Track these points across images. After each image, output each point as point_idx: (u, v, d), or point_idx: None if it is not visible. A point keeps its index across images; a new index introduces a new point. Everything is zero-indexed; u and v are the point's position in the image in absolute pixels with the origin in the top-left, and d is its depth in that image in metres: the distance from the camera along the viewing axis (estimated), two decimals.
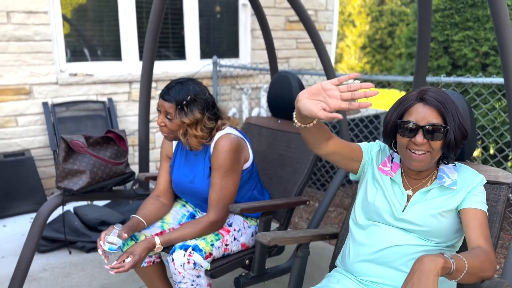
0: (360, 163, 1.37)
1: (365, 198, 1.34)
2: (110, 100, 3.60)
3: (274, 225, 2.55)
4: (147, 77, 2.11)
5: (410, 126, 1.17)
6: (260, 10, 2.31)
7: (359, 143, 1.39)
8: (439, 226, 1.22)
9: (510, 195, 1.36)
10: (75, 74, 3.50)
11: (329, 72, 2.30)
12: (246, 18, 4.32)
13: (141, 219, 1.70)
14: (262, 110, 4.33)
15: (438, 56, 3.28)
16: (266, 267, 1.78)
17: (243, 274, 1.73)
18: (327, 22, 4.77)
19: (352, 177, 1.44)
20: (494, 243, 1.32)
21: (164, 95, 1.60)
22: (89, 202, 3.07)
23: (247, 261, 1.74)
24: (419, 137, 1.17)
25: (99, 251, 1.50)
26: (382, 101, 7.46)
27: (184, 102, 1.58)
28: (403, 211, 1.26)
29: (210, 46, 4.25)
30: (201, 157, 1.71)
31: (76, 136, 1.86)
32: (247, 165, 1.73)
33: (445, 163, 1.28)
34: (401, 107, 1.22)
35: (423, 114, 1.18)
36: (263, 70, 3.72)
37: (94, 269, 2.41)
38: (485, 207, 1.22)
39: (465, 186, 1.24)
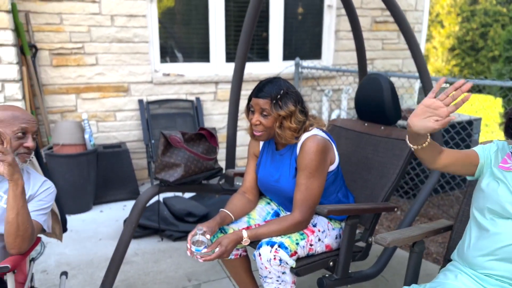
0: (477, 167, 1.38)
1: (487, 193, 1.32)
2: (197, 99, 3.80)
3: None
4: (238, 77, 2.19)
5: None
6: (352, 11, 2.29)
7: (474, 148, 1.40)
8: None
9: None
10: (168, 74, 3.75)
11: (423, 75, 2.21)
12: (330, 19, 4.29)
13: (229, 213, 1.77)
14: (343, 112, 4.27)
15: None
16: (350, 271, 1.76)
17: (327, 275, 1.73)
18: (416, 23, 4.57)
19: (469, 177, 1.46)
20: None
21: (257, 94, 1.66)
22: (180, 194, 3.27)
23: (331, 263, 1.74)
24: None
25: (188, 252, 1.60)
26: (475, 106, 6.95)
27: (279, 96, 1.63)
28: None
29: (292, 47, 4.28)
30: (287, 157, 1.75)
31: (174, 132, 2.00)
32: (332, 167, 1.73)
33: None
34: None
35: None
36: (346, 72, 3.67)
37: (180, 257, 2.56)
38: None
39: None
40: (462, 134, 3.20)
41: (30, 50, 3.21)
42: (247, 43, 2.09)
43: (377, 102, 2.04)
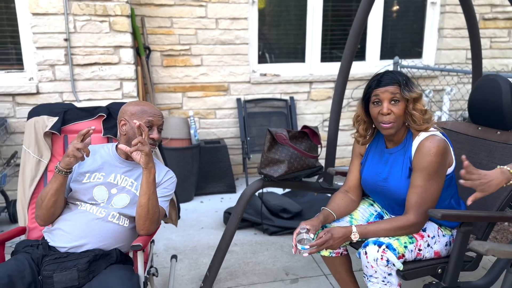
0: None
1: None
2: (291, 98, 3.87)
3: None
4: (343, 77, 2.20)
5: None
6: (470, 8, 2.17)
7: None
8: None
9: None
10: (265, 74, 3.87)
11: None
12: (434, 16, 4.09)
13: (331, 211, 1.80)
14: (445, 114, 4.04)
15: None
16: (459, 281, 1.69)
17: (434, 282, 1.68)
18: None
19: None
20: None
21: (382, 83, 1.64)
22: (274, 189, 3.37)
23: (439, 270, 1.68)
24: None
25: (293, 250, 1.65)
26: None
27: (404, 81, 1.63)
28: None
29: (388, 46, 4.16)
30: (400, 156, 1.72)
31: (279, 129, 2.09)
32: (449, 170, 1.67)
33: None
34: None
35: None
36: (451, 72, 3.47)
37: (276, 250, 2.65)
38: None
39: None
40: None
41: (144, 52, 3.53)
42: (356, 42, 2.10)
43: (494, 105, 1.92)
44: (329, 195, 3.38)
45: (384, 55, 4.15)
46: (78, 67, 3.22)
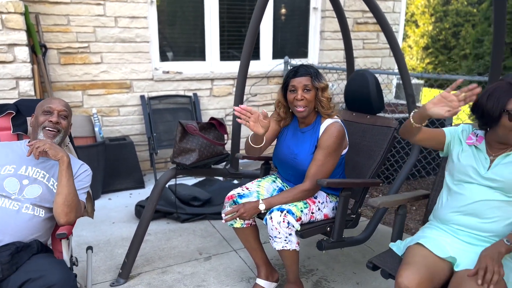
0: (444, 144, 1.75)
1: (456, 163, 1.69)
2: (195, 95, 4.08)
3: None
4: (243, 74, 2.49)
5: None
6: (341, 13, 2.62)
7: (443, 128, 1.78)
8: None
9: None
10: (167, 72, 4.01)
11: (403, 72, 2.57)
12: (316, 20, 4.64)
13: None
14: None
15: (506, 57, 3.41)
16: (343, 236, 2.10)
17: (325, 239, 2.06)
18: (394, 24, 4.97)
19: (441, 154, 1.81)
20: None
21: (299, 74, 1.99)
22: (179, 180, 3.54)
23: (328, 229, 2.07)
24: None
25: (223, 221, 1.96)
26: None
27: (315, 73, 2.01)
28: (487, 171, 1.60)
29: (279, 47, 4.61)
30: (309, 135, 2.07)
31: (190, 121, 2.30)
32: (344, 151, 2.07)
33: None
34: (503, 98, 1.51)
35: None
36: (332, 69, 4.02)
37: (189, 235, 2.86)
38: None
39: None
40: (436, 123, 3.59)
41: (40, 50, 3.42)
42: (252, 43, 2.40)
43: (364, 94, 2.38)
44: (236, 181, 3.68)
45: (276, 55, 4.58)
46: None
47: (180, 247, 2.71)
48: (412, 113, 1.63)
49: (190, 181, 3.79)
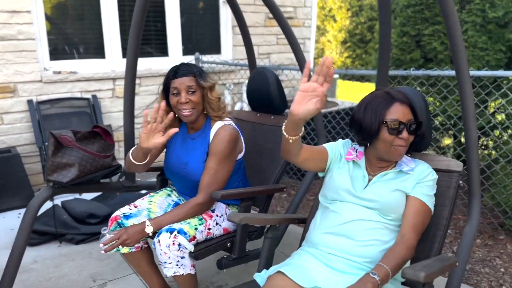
0: (327, 162, 1.54)
1: (330, 180, 1.51)
2: (94, 97, 3.68)
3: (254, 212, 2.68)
4: (131, 73, 2.20)
5: (397, 124, 1.34)
6: (237, 7, 2.43)
7: (323, 145, 1.57)
8: (394, 201, 1.38)
9: (460, 182, 1.53)
10: (59, 72, 3.57)
11: (304, 68, 2.44)
12: (227, 15, 4.43)
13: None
14: (245, 104, 4.45)
15: (411, 50, 3.45)
16: (247, 250, 1.91)
17: (225, 256, 1.86)
18: (306, 18, 4.91)
19: (321, 174, 1.60)
20: (445, 224, 1.49)
21: (180, 74, 1.75)
22: (77, 195, 3.16)
23: (228, 244, 1.87)
24: (405, 134, 1.35)
25: (102, 252, 1.65)
26: (358, 94, 7.66)
27: (198, 72, 1.78)
28: (363, 189, 1.43)
29: (192, 43, 4.34)
30: (199, 142, 1.84)
31: (64, 131, 1.96)
32: (239, 156, 1.87)
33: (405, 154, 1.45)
34: (380, 109, 1.36)
35: (403, 112, 1.36)
36: (244, 66, 3.84)
37: (83, 259, 2.51)
38: (427, 199, 1.38)
39: (416, 176, 1.41)
40: (346, 119, 3.57)
41: None
42: (137, 39, 2.12)
43: (265, 94, 2.21)
44: (144, 191, 3.36)
45: (190, 51, 4.30)
46: None
47: (71, 274, 2.36)
48: (283, 126, 1.32)
49: (90, 195, 3.40)
